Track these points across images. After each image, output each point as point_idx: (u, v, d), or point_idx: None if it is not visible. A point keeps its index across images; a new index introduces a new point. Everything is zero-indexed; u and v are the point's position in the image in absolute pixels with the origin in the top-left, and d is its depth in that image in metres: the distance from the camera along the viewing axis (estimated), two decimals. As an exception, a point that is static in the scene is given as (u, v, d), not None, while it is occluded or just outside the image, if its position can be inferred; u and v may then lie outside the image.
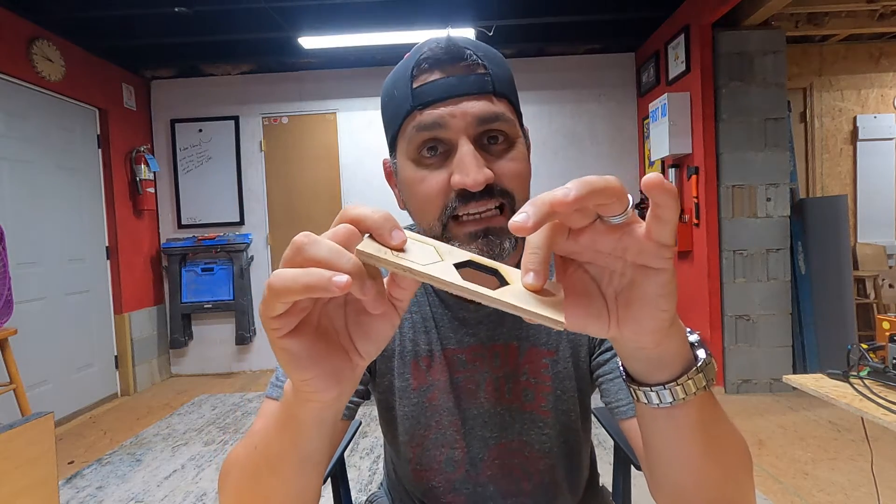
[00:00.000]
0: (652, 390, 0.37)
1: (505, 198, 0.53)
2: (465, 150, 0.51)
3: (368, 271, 0.29)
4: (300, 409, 0.36)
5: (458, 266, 0.29)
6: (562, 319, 0.28)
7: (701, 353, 0.37)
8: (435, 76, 0.53)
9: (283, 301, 0.28)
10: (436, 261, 0.29)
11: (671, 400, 0.36)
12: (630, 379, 0.39)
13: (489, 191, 0.52)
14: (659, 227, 0.29)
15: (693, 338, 0.39)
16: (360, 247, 0.29)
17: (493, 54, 0.56)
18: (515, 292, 0.29)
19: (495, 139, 0.54)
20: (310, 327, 0.32)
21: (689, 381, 0.36)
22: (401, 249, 0.29)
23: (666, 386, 0.36)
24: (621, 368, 0.40)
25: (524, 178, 0.56)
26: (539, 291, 0.28)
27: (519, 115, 0.58)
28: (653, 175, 0.27)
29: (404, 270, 0.28)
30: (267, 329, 0.30)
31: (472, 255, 0.31)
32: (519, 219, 0.27)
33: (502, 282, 0.30)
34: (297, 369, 0.31)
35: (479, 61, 0.53)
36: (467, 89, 0.52)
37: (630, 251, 0.30)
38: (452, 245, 0.35)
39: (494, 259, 0.53)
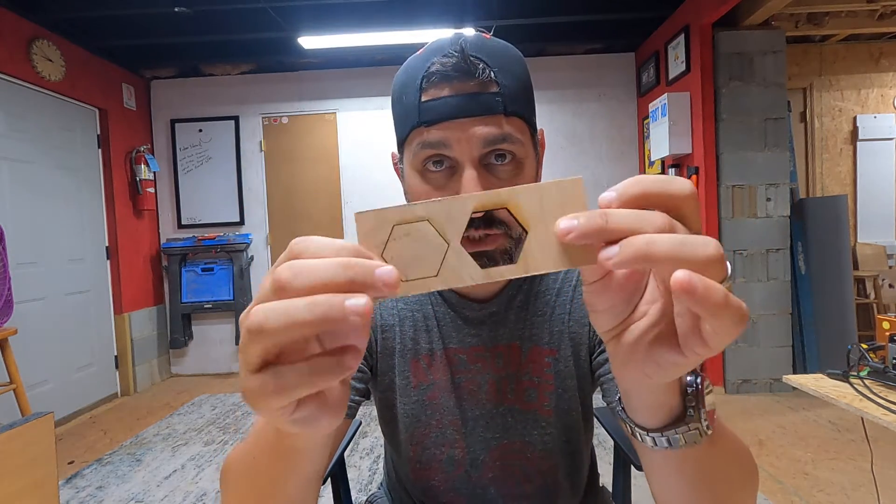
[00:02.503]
0: (652, 434, 0.34)
1: (503, 226, 0.53)
2: (468, 175, 0.51)
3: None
4: (295, 440, 0.33)
5: (465, 233, 0.26)
6: (598, 256, 0.24)
7: (710, 399, 0.34)
8: (444, 92, 0.51)
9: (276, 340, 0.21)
10: (440, 248, 0.25)
11: (669, 446, 0.34)
12: (629, 418, 0.36)
13: (489, 219, 0.51)
14: (718, 339, 0.24)
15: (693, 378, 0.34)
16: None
17: (509, 62, 0.54)
18: (540, 245, 0.25)
19: (503, 157, 0.53)
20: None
21: (695, 431, 0.33)
22: (395, 286, 0.23)
23: (664, 434, 0.33)
24: (619, 403, 0.37)
25: None
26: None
27: (532, 127, 0.56)
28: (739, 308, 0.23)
29: (418, 290, 0.25)
30: (264, 408, 0.23)
31: (472, 203, 0.26)
32: (611, 254, 0.23)
33: (515, 222, 0.26)
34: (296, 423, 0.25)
35: (492, 76, 0.51)
36: (476, 110, 0.50)
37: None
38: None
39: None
